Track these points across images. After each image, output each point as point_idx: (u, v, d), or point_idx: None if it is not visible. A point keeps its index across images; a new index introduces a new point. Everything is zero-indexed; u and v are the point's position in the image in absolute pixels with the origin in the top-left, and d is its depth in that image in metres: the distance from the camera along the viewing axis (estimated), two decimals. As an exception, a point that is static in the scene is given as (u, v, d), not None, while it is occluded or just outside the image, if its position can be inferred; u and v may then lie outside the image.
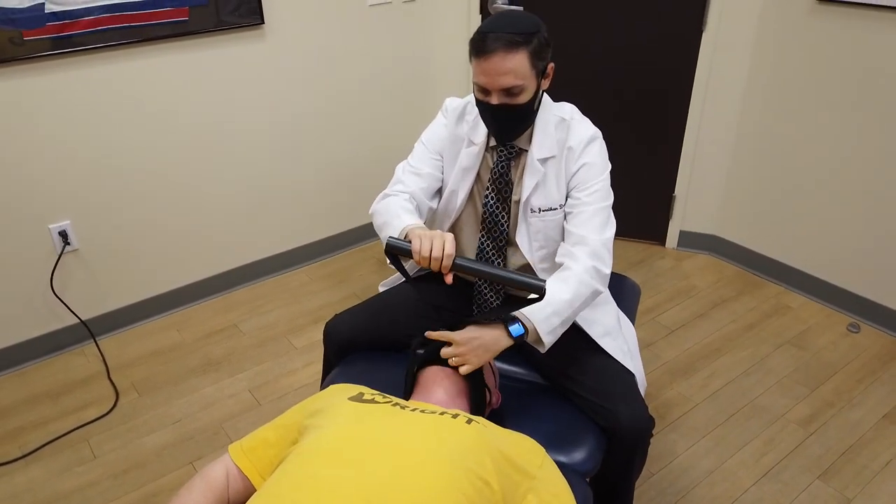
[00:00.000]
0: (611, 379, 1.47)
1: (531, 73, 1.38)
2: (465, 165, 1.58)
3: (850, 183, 2.49)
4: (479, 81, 1.39)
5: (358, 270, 3.00)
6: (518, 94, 1.38)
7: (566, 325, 1.43)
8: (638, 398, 1.45)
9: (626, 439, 1.40)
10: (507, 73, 1.35)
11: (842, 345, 2.46)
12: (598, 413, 1.44)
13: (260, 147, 2.71)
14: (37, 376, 2.38)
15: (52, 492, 1.92)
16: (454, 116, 1.61)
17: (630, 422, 1.39)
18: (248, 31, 2.49)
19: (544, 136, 1.50)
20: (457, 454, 1.02)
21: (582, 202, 1.49)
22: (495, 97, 1.39)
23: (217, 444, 2.07)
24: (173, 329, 2.62)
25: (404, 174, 1.62)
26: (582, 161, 1.49)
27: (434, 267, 1.29)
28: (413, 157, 1.65)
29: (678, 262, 3.01)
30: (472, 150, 1.56)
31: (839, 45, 2.37)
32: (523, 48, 1.34)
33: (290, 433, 1.17)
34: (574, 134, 1.51)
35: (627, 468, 1.47)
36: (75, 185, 2.33)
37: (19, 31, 2.04)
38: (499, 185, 1.55)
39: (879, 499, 1.85)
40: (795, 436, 2.06)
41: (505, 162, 1.53)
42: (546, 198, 1.52)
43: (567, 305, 1.40)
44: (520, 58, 1.34)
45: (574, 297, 1.41)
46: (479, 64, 1.37)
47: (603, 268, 1.45)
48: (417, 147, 1.66)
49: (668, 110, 2.84)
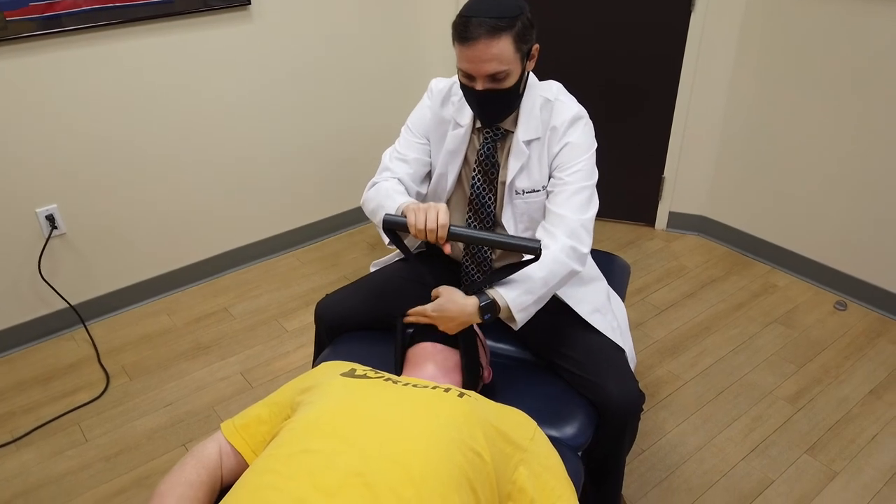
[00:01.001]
0: (600, 355, 1.48)
1: (515, 56, 1.35)
2: (452, 148, 1.57)
3: (838, 163, 2.51)
4: (463, 68, 1.37)
5: (349, 254, 2.99)
6: (503, 79, 1.36)
7: (540, 304, 1.43)
8: (628, 374, 1.45)
9: (616, 414, 1.41)
10: (492, 59, 1.32)
11: (829, 322, 2.48)
12: (587, 388, 1.45)
13: (247, 130, 2.69)
14: (26, 362, 2.37)
15: (44, 475, 1.92)
16: (439, 98, 1.59)
17: (620, 397, 1.40)
18: (235, 12, 2.47)
19: (529, 118, 1.49)
20: (449, 427, 1.02)
21: (563, 182, 1.48)
22: (480, 83, 1.37)
23: (209, 427, 2.07)
24: (163, 313, 2.61)
25: (391, 161, 1.62)
26: (565, 141, 1.48)
27: (430, 238, 1.30)
28: (399, 143, 1.64)
29: (667, 242, 3.02)
30: (458, 133, 1.55)
31: (828, 26, 2.38)
32: (507, 32, 1.31)
33: (283, 410, 1.17)
34: (557, 114, 1.49)
35: (618, 443, 1.48)
36: (62, 169, 2.30)
37: (1, 12, 2.01)
38: (485, 166, 1.54)
39: (866, 472, 1.88)
40: (783, 412, 2.09)
41: (491, 144, 1.53)
42: (529, 180, 1.52)
43: (541, 284, 1.39)
44: (504, 43, 1.32)
45: (548, 276, 1.40)
46: (462, 50, 1.34)
47: (581, 247, 1.44)
48: (403, 132, 1.65)
49: (657, 92, 2.84)
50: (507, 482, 1.05)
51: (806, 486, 1.84)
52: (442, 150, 1.59)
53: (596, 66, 2.87)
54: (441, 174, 1.61)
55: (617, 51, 2.81)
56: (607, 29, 2.78)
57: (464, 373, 1.32)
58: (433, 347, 1.33)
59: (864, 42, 2.30)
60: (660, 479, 1.87)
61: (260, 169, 2.80)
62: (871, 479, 1.85)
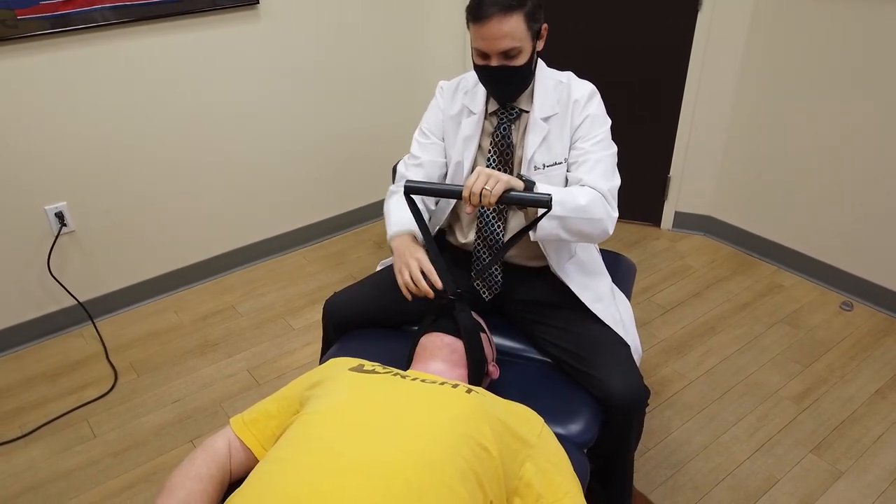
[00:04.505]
0: (604, 349, 1.48)
1: (527, 34, 1.42)
2: (467, 134, 1.61)
3: (844, 163, 2.50)
4: (478, 46, 1.43)
5: (355, 252, 3.00)
6: (516, 55, 1.43)
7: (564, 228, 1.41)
8: (632, 369, 1.45)
9: (620, 410, 1.41)
10: (504, 36, 1.39)
11: (835, 323, 2.48)
12: (591, 384, 1.45)
13: (255, 129, 2.71)
14: (35, 358, 2.38)
15: (53, 470, 1.93)
16: (449, 94, 1.66)
17: (623, 392, 1.40)
18: (243, 11, 2.48)
19: (545, 96, 1.55)
20: (457, 421, 1.03)
21: (586, 151, 1.53)
22: (494, 60, 1.44)
23: (216, 423, 2.08)
24: (170, 311, 2.63)
25: (407, 170, 1.69)
26: (586, 112, 1.54)
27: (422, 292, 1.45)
28: (413, 148, 1.71)
29: (673, 242, 3.02)
30: (472, 120, 1.61)
31: (835, 27, 2.37)
32: (518, 11, 1.39)
33: (292, 405, 1.18)
34: (576, 89, 1.56)
35: (624, 439, 1.49)
36: (71, 167, 2.32)
37: (13, 10, 2.02)
38: (501, 147, 1.58)
39: (871, 471, 1.88)
40: (789, 411, 2.09)
41: (506, 125, 1.57)
42: (550, 153, 1.55)
43: (573, 205, 1.40)
44: (515, 20, 1.39)
45: (584, 204, 1.41)
46: (476, 29, 1.41)
47: (613, 203, 1.48)
48: (417, 137, 1.71)
49: (663, 91, 2.84)
50: (514, 477, 1.06)
51: (811, 486, 1.84)
52: (458, 138, 1.63)
53: (601, 67, 2.87)
54: (458, 162, 1.64)
55: (623, 51, 2.81)
56: (613, 30, 2.78)
57: (469, 364, 1.33)
58: (441, 340, 1.34)
59: (871, 41, 2.30)
60: (665, 477, 1.88)
61: (267, 167, 2.81)
62: (877, 478, 1.85)
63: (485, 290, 1.71)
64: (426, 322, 1.40)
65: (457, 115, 1.64)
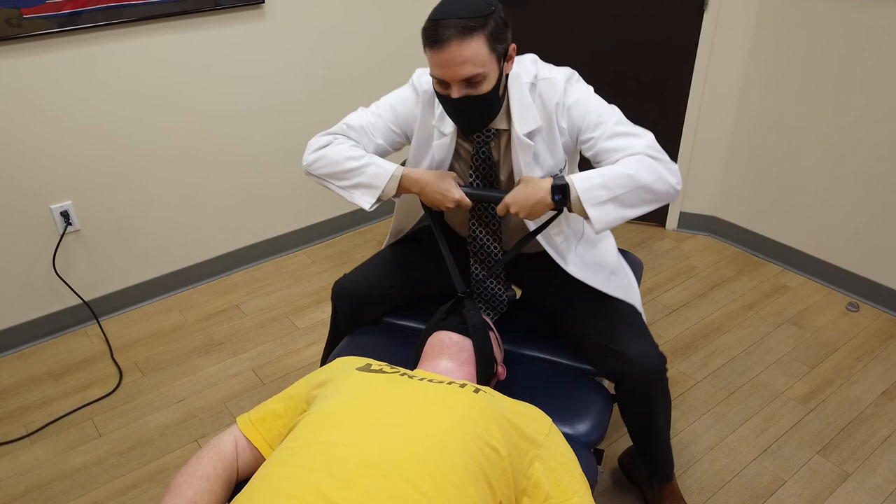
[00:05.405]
0: (618, 321, 1.46)
1: (490, 57, 1.27)
2: (440, 158, 1.50)
3: (850, 163, 2.50)
4: (437, 74, 1.29)
5: (359, 252, 3.00)
6: (479, 83, 1.28)
7: (622, 207, 1.30)
8: (646, 337, 1.44)
9: (640, 380, 1.40)
10: (465, 62, 1.24)
11: (841, 324, 2.47)
12: (608, 356, 1.43)
13: (260, 128, 2.71)
14: (39, 357, 2.39)
15: (58, 469, 1.93)
16: (426, 99, 1.50)
17: (642, 360, 1.39)
18: (248, 11, 2.48)
19: (524, 110, 1.40)
20: (465, 421, 1.03)
21: (595, 138, 1.38)
22: (455, 90, 1.29)
23: (221, 423, 2.08)
24: (175, 310, 2.62)
25: (359, 134, 1.52)
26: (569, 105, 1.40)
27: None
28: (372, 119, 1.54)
29: (678, 243, 3.02)
30: (443, 143, 1.48)
31: (841, 26, 2.37)
32: (479, 32, 1.24)
33: (298, 404, 1.18)
34: (550, 93, 1.40)
35: (651, 413, 1.46)
36: (76, 166, 2.32)
37: (18, 9, 2.02)
38: (483, 170, 1.48)
39: (878, 473, 1.87)
40: (795, 412, 2.08)
41: (485, 147, 1.46)
42: (542, 169, 1.45)
43: (620, 181, 1.28)
44: (476, 44, 1.24)
45: (632, 175, 1.28)
46: (433, 55, 1.27)
47: (661, 156, 1.32)
48: (384, 111, 1.54)
49: (668, 91, 2.84)
50: (522, 477, 1.05)
51: (818, 487, 1.83)
52: (427, 157, 1.52)
53: (606, 68, 2.87)
54: None
55: (628, 51, 2.81)
56: (618, 30, 2.78)
57: (477, 362, 1.33)
58: (448, 339, 1.34)
59: (878, 41, 2.29)
60: (671, 478, 1.87)
61: (272, 167, 2.81)
62: (884, 480, 1.85)
63: (490, 311, 1.66)
64: (435, 320, 1.40)
65: (429, 128, 1.50)
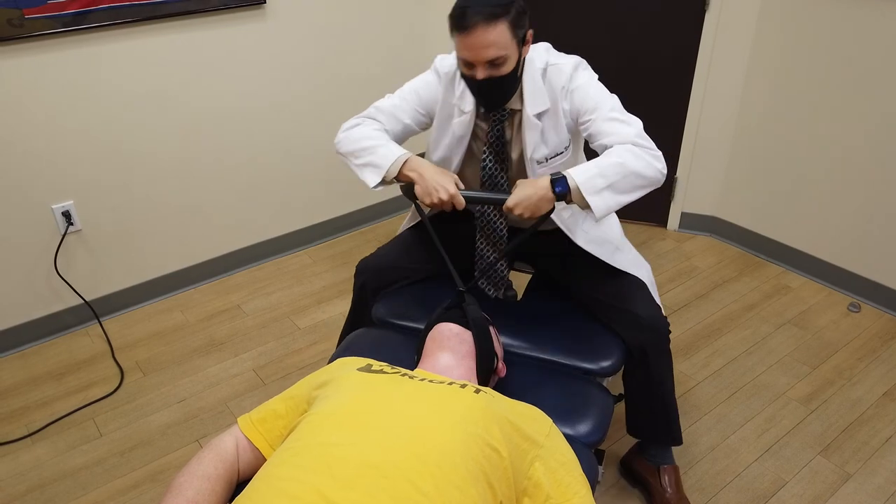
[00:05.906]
0: (627, 286, 1.63)
1: (512, 42, 1.41)
2: (459, 134, 1.62)
3: (851, 164, 2.49)
4: (463, 56, 1.42)
5: (361, 252, 3.00)
6: (502, 64, 1.42)
7: (618, 193, 1.40)
8: (652, 301, 1.61)
9: (646, 330, 1.55)
10: (490, 45, 1.38)
11: (842, 324, 2.47)
12: (618, 316, 1.59)
13: (261, 128, 2.71)
14: (41, 357, 2.39)
15: (59, 469, 1.94)
16: (448, 82, 1.64)
17: (648, 317, 1.55)
18: (250, 11, 2.48)
19: (535, 92, 1.54)
20: (465, 422, 1.03)
21: (592, 120, 1.50)
22: (480, 71, 1.42)
23: (222, 423, 2.08)
24: (176, 310, 2.63)
25: (387, 117, 1.66)
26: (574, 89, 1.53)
27: (446, 208, 1.48)
28: (397, 103, 1.67)
29: (679, 243, 3.01)
30: (463, 120, 1.61)
31: (842, 26, 2.36)
32: (503, 19, 1.37)
33: (299, 404, 1.18)
34: (558, 76, 1.54)
35: (659, 368, 1.60)
36: (78, 166, 2.32)
37: (20, 9, 2.03)
38: (496, 147, 1.60)
39: (880, 474, 1.87)
40: (797, 413, 2.08)
41: (499, 125, 1.58)
42: (548, 147, 1.58)
43: (614, 168, 1.38)
44: (500, 29, 1.37)
45: (623, 162, 1.38)
46: (461, 39, 1.40)
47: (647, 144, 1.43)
48: (408, 95, 1.67)
49: (669, 91, 2.83)
50: (523, 477, 1.05)
51: (819, 488, 1.83)
52: (447, 134, 1.64)
53: (608, 67, 2.86)
54: (445, 158, 1.66)
55: (628, 52, 2.81)
56: (619, 30, 2.78)
57: (478, 355, 1.33)
58: (449, 331, 1.34)
59: (881, 42, 2.29)
60: (672, 478, 1.87)
61: (273, 167, 2.81)
62: (886, 480, 1.84)
63: (490, 287, 1.72)
64: (435, 315, 1.41)
65: (450, 107, 1.63)
